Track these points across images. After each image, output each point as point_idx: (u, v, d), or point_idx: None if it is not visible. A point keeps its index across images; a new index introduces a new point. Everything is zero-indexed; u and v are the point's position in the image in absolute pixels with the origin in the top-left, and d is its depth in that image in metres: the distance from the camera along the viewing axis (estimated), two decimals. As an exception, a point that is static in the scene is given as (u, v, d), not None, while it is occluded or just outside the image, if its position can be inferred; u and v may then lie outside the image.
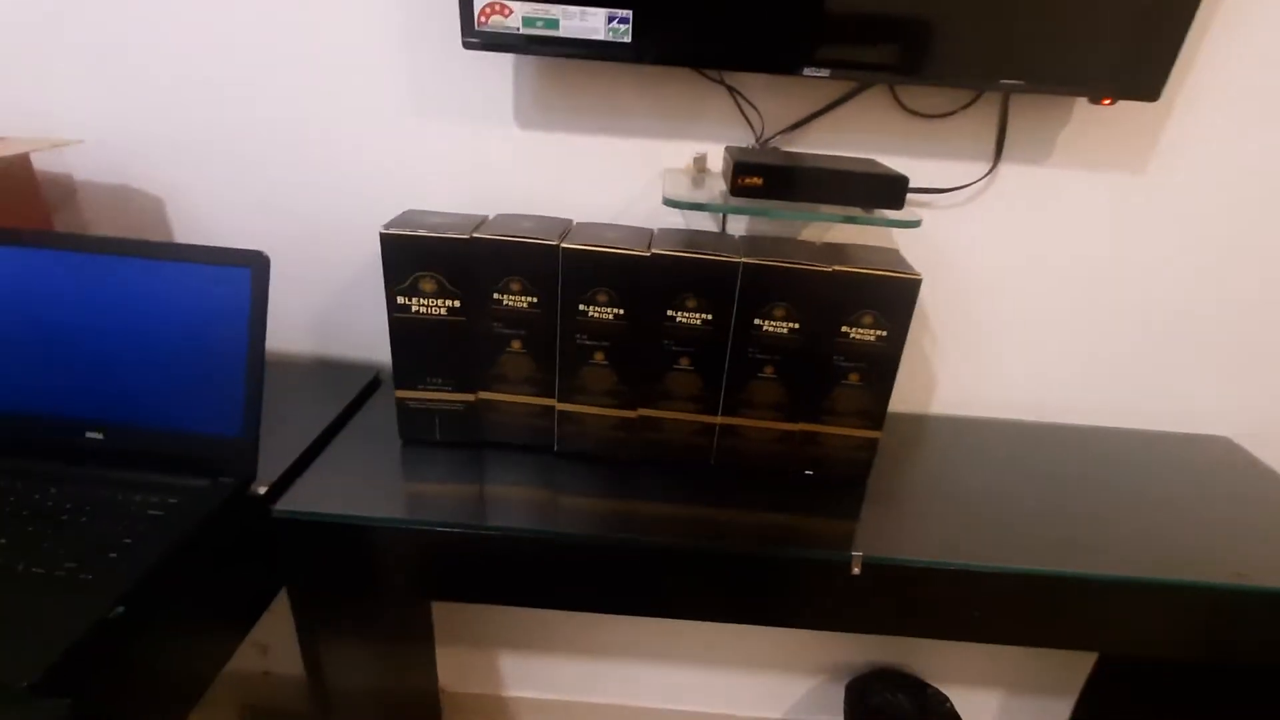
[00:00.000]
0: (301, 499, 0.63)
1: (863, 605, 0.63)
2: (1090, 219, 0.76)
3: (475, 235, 0.63)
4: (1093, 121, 0.71)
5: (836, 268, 0.62)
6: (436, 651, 1.09)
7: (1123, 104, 0.69)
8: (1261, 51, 0.68)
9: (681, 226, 0.77)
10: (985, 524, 0.66)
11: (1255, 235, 0.76)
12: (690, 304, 0.64)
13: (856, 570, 0.60)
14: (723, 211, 0.71)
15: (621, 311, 0.65)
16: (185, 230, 0.81)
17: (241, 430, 0.62)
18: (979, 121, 0.72)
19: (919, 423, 0.85)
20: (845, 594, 0.63)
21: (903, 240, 0.77)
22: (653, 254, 0.62)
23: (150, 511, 0.56)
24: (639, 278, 0.63)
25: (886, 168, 0.63)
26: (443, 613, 1.05)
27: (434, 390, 0.70)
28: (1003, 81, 0.64)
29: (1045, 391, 0.85)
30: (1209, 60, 0.69)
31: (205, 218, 0.80)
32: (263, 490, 0.63)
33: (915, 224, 0.59)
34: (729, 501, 0.67)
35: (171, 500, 0.57)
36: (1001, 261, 0.78)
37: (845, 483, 0.71)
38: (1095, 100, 0.66)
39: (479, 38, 0.64)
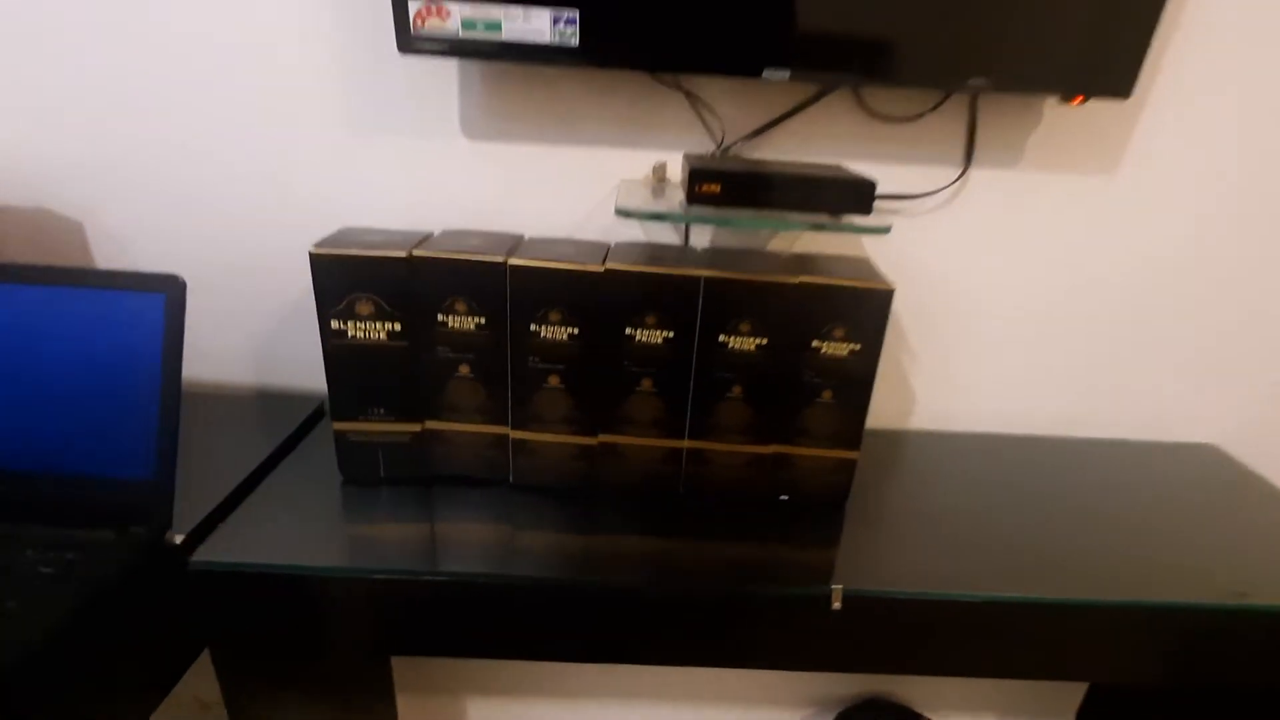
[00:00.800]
0: (224, 548, 0.57)
1: (846, 642, 0.58)
2: (1064, 223, 0.73)
3: (414, 253, 0.58)
4: (1064, 122, 0.69)
5: (803, 279, 0.58)
6: (398, 702, 1.01)
7: (1094, 103, 0.66)
8: (1233, 45, 0.66)
9: (641, 240, 0.73)
10: (971, 548, 0.62)
11: (1233, 234, 0.74)
12: (650, 322, 0.59)
13: (837, 605, 0.56)
14: (679, 221, 0.67)
15: (576, 331, 0.60)
16: (108, 258, 0.75)
17: (154, 472, 0.55)
18: (948, 125, 0.69)
19: (897, 440, 0.81)
20: (827, 630, 0.58)
21: (874, 250, 0.74)
22: (607, 269, 0.58)
23: (42, 569, 0.49)
24: (594, 295, 0.59)
25: (853, 172, 0.60)
26: (403, 661, 0.98)
27: (376, 421, 0.64)
28: (970, 82, 0.61)
29: (1026, 403, 0.82)
30: (1179, 55, 0.67)
31: (130, 244, 0.74)
32: (179, 540, 0.56)
33: (885, 230, 0.55)
34: (700, 533, 0.62)
35: (69, 556, 0.51)
36: (975, 269, 0.75)
37: (822, 507, 0.67)
38: (1066, 99, 0.63)
39: (415, 43, 0.59)
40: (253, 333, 0.79)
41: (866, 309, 0.59)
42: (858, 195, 0.53)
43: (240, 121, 0.69)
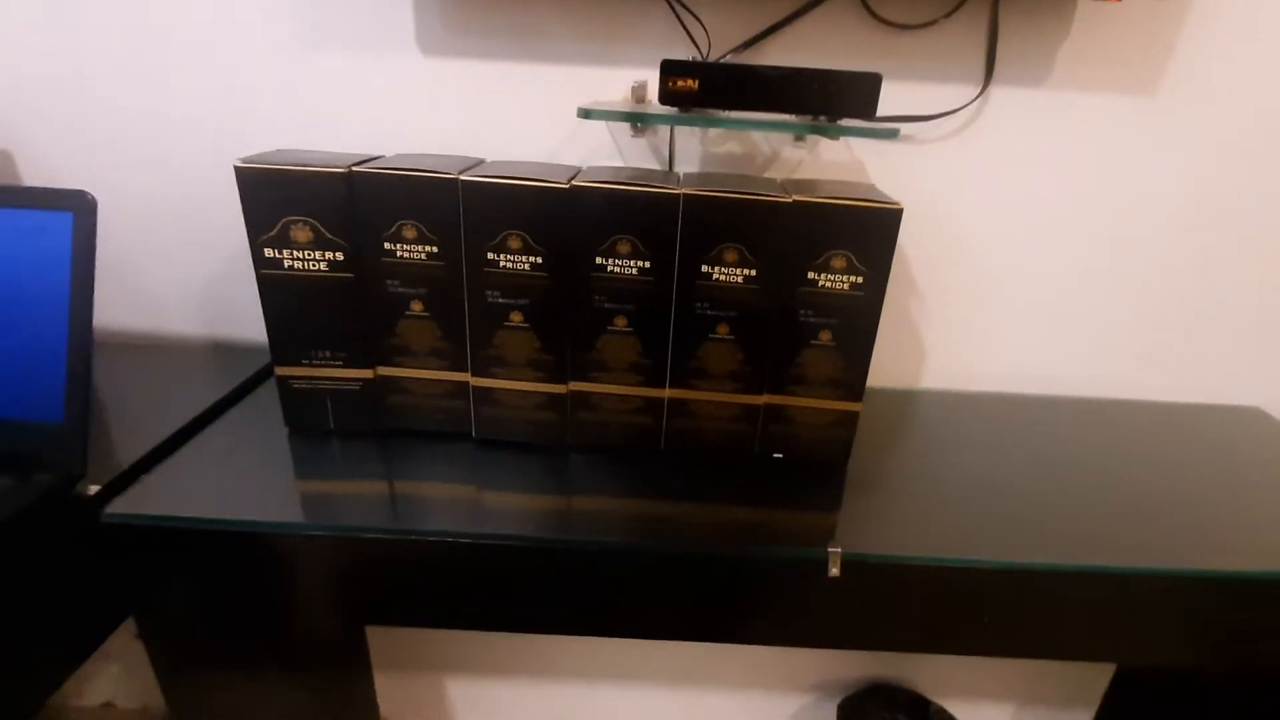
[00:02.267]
0: (146, 500, 0.51)
1: (847, 614, 0.51)
2: (1098, 151, 0.65)
3: (355, 169, 0.51)
4: (1099, 28, 0.60)
5: (797, 198, 0.50)
6: (375, 679, 0.96)
7: (1134, 2, 0.58)
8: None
9: (619, 165, 0.65)
10: (987, 514, 0.54)
11: (1289, 167, 0.65)
12: (623, 249, 0.52)
13: (835, 571, 0.48)
14: (649, 123, 0.60)
15: (539, 260, 0.53)
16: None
17: (63, 415, 0.49)
18: (965, 33, 0.61)
19: (907, 400, 0.73)
20: (825, 601, 0.51)
21: (879, 179, 0.66)
22: (572, 186, 0.51)
23: (-79, 518, 0.44)
24: (559, 218, 0.52)
25: (854, 69, 0.52)
26: (379, 634, 0.93)
27: (322, 366, 0.57)
28: (992, -24, 0.53)
29: (1051, 361, 0.74)
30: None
31: (60, 175, 0.68)
32: (93, 490, 0.50)
33: (893, 134, 0.48)
34: (683, 493, 0.55)
35: (-44, 504, 0.45)
36: (995, 204, 0.67)
37: (821, 467, 0.59)
38: (1103, -3, 0.55)
39: (358, -68, 0.53)
40: (196, 277, 0.72)
41: (870, 234, 0.51)
42: (860, 92, 0.46)
43: (177, 41, 0.62)
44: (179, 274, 0.72)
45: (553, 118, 0.64)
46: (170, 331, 0.74)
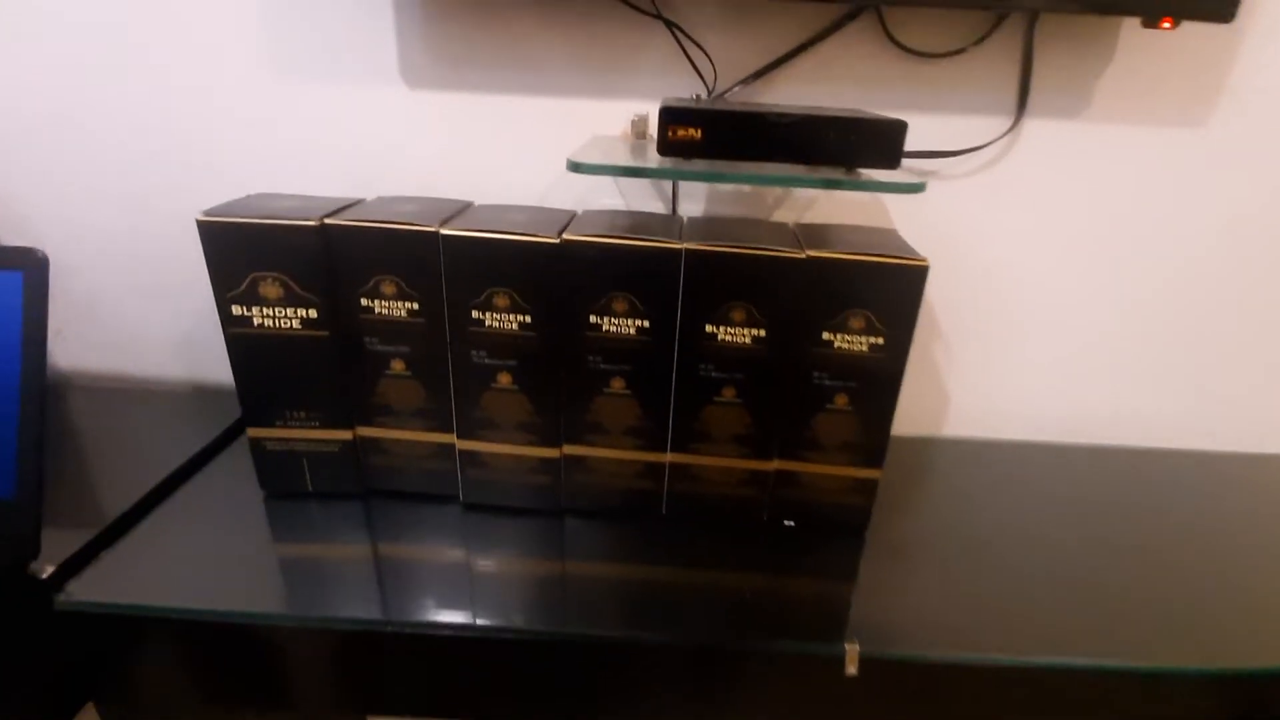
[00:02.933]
0: (104, 583, 0.47)
1: (866, 713, 0.47)
2: (1144, 187, 0.59)
3: (328, 221, 0.47)
4: (1144, 57, 0.55)
5: (811, 253, 0.46)
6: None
7: (1186, 29, 0.52)
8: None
9: (618, 209, 0.61)
10: (1022, 594, 0.49)
11: (1353, 203, 0.60)
12: (619, 307, 0.48)
13: (853, 670, 0.44)
14: (647, 176, 0.55)
15: (528, 319, 0.48)
16: (9, 237, 0.65)
17: (14, 491, 0.46)
18: (996, 62, 0.55)
19: (929, 449, 0.68)
20: (841, 698, 0.46)
21: (901, 220, 0.61)
22: (564, 240, 0.46)
23: None
24: (549, 274, 0.47)
25: (876, 114, 0.47)
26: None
27: (297, 427, 0.53)
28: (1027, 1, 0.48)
29: (1085, 406, 0.69)
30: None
31: (29, 219, 0.64)
32: (48, 571, 0.46)
33: (918, 188, 0.43)
34: (687, 564, 0.51)
35: (-109, 596, 0.41)
36: (1029, 243, 0.62)
37: (836, 535, 0.55)
38: (1151, 22, 0.50)
39: (332, -38, 0.48)
40: (177, 319, 0.69)
41: (892, 291, 0.46)
42: (882, 141, 0.41)
43: (149, 77, 0.59)
44: (155, 314, 0.68)
45: (546, 153, 0.60)
46: (147, 374, 0.71)
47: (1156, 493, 0.62)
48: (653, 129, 0.58)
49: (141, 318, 0.68)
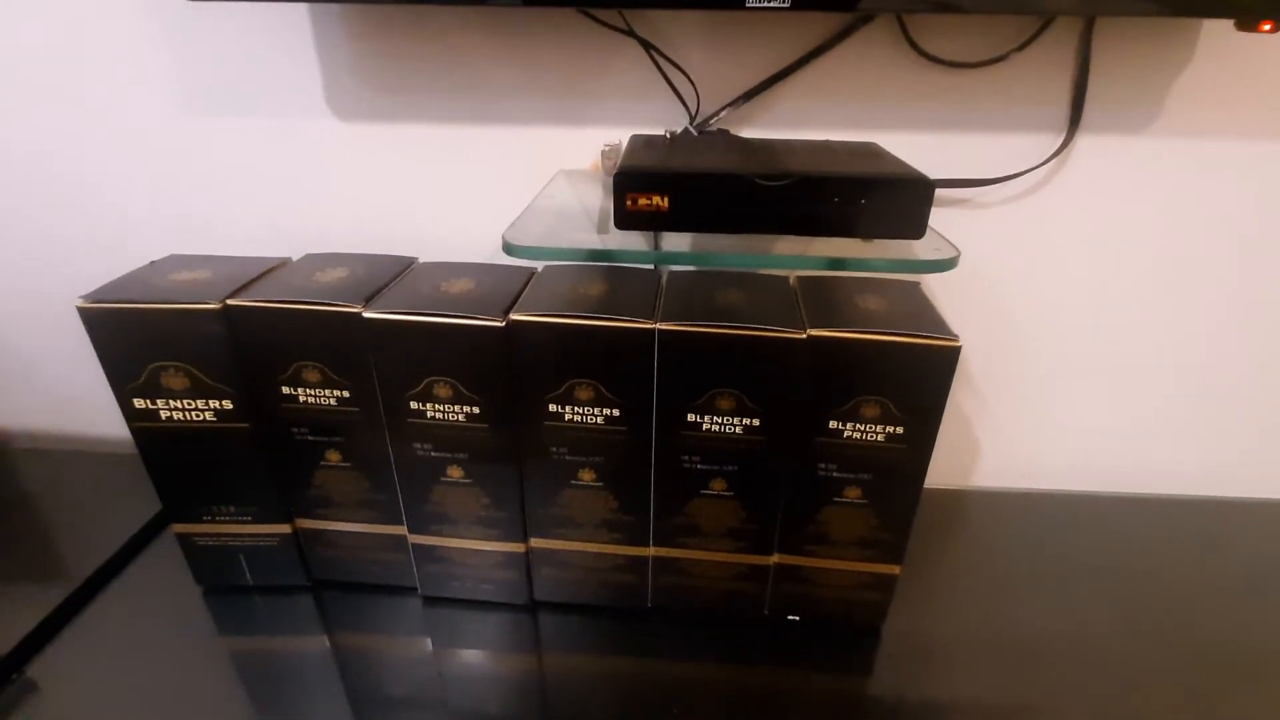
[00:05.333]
0: (14, 715, 0.41)
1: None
2: (1224, 210, 0.49)
3: (230, 303, 0.39)
4: (1226, 64, 0.45)
5: (814, 333, 0.37)
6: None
7: (1288, 27, 0.42)
8: None
9: (584, 263, 0.52)
10: (1064, 706, 0.42)
11: None
12: (583, 395, 0.40)
13: (863, 834, 0.37)
14: (596, 260, 0.45)
15: (476, 410, 0.41)
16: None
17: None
18: (1044, 71, 0.45)
19: (958, 503, 0.60)
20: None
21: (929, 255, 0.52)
22: (510, 323, 0.38)
23: None
24: (495, 360, 0.39)
25: (898, 162, 0.38)
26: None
27: (227, 522, 0.47)
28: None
29: (1133, 454, 0.60)
30: None
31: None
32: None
33: (949, 264, 0.34)
34: (672, 667, 0.44)
35: None
36: (1077, 276, 0.52)
37: (848, 631, 0.47)
38: (1246, 24, 0.39)
39: (224, -19, 0.40)
40: (95, 386, 0.62)
41: (914, 376, 0.38)
42: (903, 205, 0.32)
43: (63, 127, 0.51)
44: (86, 376, 0.61)
45: (503, 190, 0.51)
46: (83, 433, 0.65)
47: (1216, 547, 0.54)
48: (627, 160, 0.49)
49: (71, 378, 0.62)
